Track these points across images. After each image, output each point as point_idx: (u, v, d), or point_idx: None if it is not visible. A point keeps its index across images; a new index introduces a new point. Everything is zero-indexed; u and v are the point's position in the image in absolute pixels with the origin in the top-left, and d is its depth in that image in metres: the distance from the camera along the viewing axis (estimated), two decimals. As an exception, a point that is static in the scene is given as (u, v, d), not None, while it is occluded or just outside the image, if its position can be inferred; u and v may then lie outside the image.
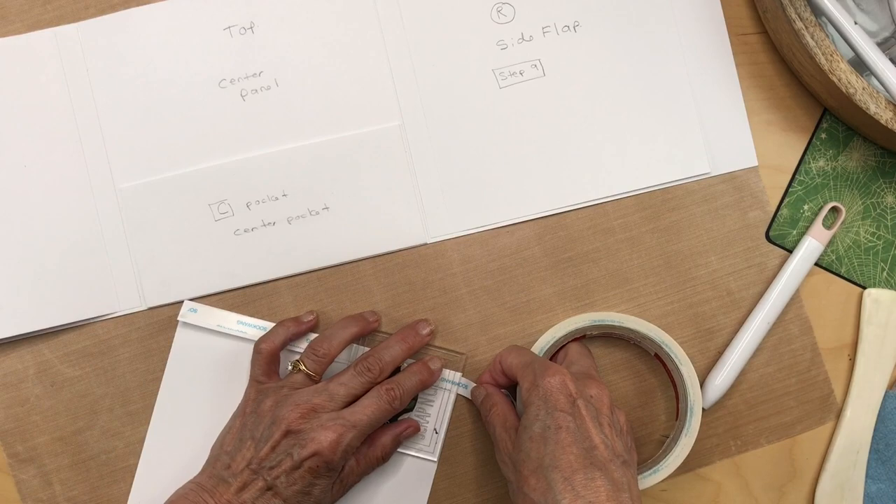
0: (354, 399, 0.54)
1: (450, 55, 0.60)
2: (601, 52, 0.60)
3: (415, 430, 0.57)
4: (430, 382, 0.57)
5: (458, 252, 0.60)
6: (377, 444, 0.56)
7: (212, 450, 0.55)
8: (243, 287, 0.59)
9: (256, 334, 0.58)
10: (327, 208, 0.59)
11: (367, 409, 0.53)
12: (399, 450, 0.58)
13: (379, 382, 0.54)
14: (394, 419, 0.58)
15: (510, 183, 0.60)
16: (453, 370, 0.59)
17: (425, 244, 0.60)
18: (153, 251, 0.59)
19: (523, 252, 0.60)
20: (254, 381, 0.56)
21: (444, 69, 0.60)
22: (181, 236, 0.59)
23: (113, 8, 0.60)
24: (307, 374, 0.54)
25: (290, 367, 0.55)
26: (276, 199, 0.59)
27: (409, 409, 0.58)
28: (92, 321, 0.59)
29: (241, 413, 0.54)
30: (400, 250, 0.60)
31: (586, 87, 0.60)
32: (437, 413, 0.59)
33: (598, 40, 0.60)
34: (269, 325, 0.59)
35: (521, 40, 0.60)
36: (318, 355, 0.55)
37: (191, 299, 0.59)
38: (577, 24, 0.60)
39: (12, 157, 0.59)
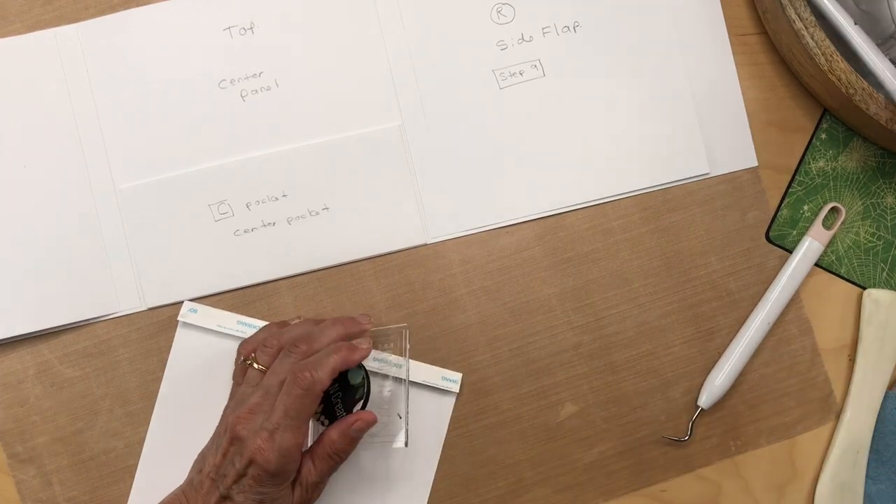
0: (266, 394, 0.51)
1: (450, 55, 0.60)
2: (601, 52, 0.60)
3: (367, 422, 0.53)
4: (352, 360, 0.52)
5: (458, 252, 0.60)
6: (326, 441, 0.52)
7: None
8: (243, 287, 0.59)
9: None
10: (327, 209, 0.59)
11: (281, 403, 0.50)
12: (371, 440, 0.56)
13: None
14: (350, 409, 0.54)
15: (510, 183, 0.60)
16: (394, 352, 0.57)
17: (425, 244, 0.60)
18: (153, 251, 0.59)
19: (523, 252, 0.60)
20: (234, 382, 0.56)
21: (444, 69, 0.60)
22: (181, 237, 0.59)
23: (113, 8, 0.60)
24: (258, 370, 0.53)
25: (246, 362, 0.54)
26: (276, 199, 0.59)
27: (363, 398, 0.54)
28: (92, 321, 0.59)
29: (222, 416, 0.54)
30: (400, 250, 0.60)
31: (586, 87, 0.60)
32: (394, 399, 0.57)
33: (598, 41, 0.60)
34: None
35: (521, 41, 0.60)
36: (271, 346, 0.53)
37: (191, 300, 0.59)
38: (576, 24, 0.60)
39: (12, 157, 0.59)
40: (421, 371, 0.59)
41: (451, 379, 0.59)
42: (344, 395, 0.54)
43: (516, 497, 0.59)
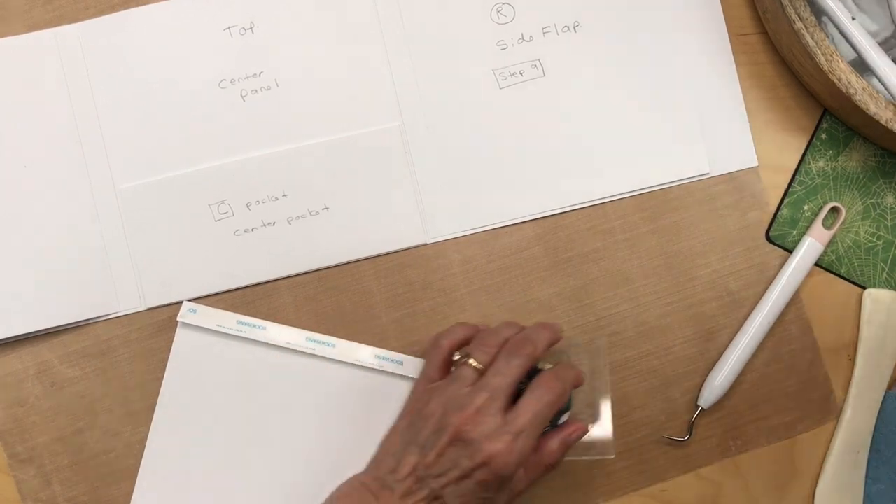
0: (515, 387, 0.50)
1: (450, 55, 0.60)
2: (601, 52, 0.60)
3: (582, 432, 0.53)
4: (580, 381, 0.53)
5: (458, 252, 0.60)
6: (545, 451, 0.51)
7: (378, 447, 0.52)
8: (243, 287, 0.59)
9: (256, 334, 0.58)
10: (327, 208, 0.59)
11: (530, 409, 0.49)
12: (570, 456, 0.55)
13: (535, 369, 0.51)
14: (555, 421, 0.54)
15: (510, 183, 0.60)
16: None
17: (425, 244, 0.60)
18: (153, 251, 0.59)
19: (523, 252, 0.60)
20: (425, 377, 0.53)
21: (444, 69, 0.60)
22: (181, 237, 0.59)
23: (113, 8, 0.60)
24: (475, 368, 0.51)
25: (456, 359, 0.52)
26: (276, 199, 0.59)
27: (567, 408, 0.55)
28: (92, 321, 0.59)
29: (408, 412, 0.52)
30: (400, 250, 0.60)
31: (586, 87, 0.60)
32: (594, 406, 0.56)
33: (598, 40, 0.60)
34: (268, 324, 0.58)
35: (521, 40, 0.60)
36: (489, 345, 0.51)
37: (191, 300, 0.59)
38: (577, 24, 0.60)
39: (12, 157, 0.59)
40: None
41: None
42: None
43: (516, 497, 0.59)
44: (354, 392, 0.58)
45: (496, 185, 0.60)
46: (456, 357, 0.53)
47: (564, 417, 0.54)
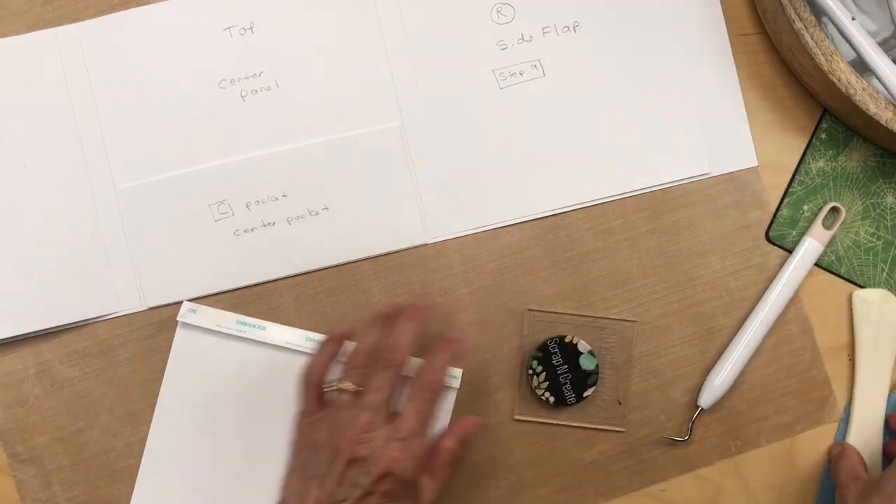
0: (389, 401, 0.51)
1: (450, 55, 0.60)
2: (601, 52, 0.60)
3: (477, 426, 0.53)
4: (458, 352, 0.53)
5: (458, 252, 0.60)
6: (442, 450, 0.52)
7: (280, 491, 0.52)
8: (243, 287, 0.59)
9: (256, 334, 0.58)
10: (327, 209, 0.59)
11: (413, 410, 0.51)
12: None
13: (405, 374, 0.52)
14: (580, 393, 0.57)
15: (510, 183, 0.60)
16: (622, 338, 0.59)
17: (425, 244, 0.60)
18: (153, 251, 0.59)
19: (523, 252, 0.60)
20: (304, 412, 0.53)
21: (444, 69, 0.60)
22: (181, 237, 0.59)
23: (113, 8, 0.60)
24: (350, 392, 0.51)
25: (332, 388, 0.53)
26: (276, 199, 0.59)
27: (593, 382, 0.58)
28: (92, 321, 0.59)
29: (298, 449, 0.52)
30: (400, 250, 0.60)
31: (586, 87, 0.60)
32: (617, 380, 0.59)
33: (598, 41, 0.60)
34: (267, 324, 0.59)
35: (521, 40, 0.60)
36: (356, 365, 0.52)
37: (191, 299, 0.59)
38: (577, 24, 0.60)
39: (12, 157, 0.59)
40: None
41: (452, 374, 0.59)
42: (573, 378, 0.58)
43: (516, 497, 0.59)
44: None
45: (496, 185, 0.60)
46: (327, 388, 0.53)
47: (589, 392, 0.58)
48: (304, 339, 0.58)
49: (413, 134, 0.60)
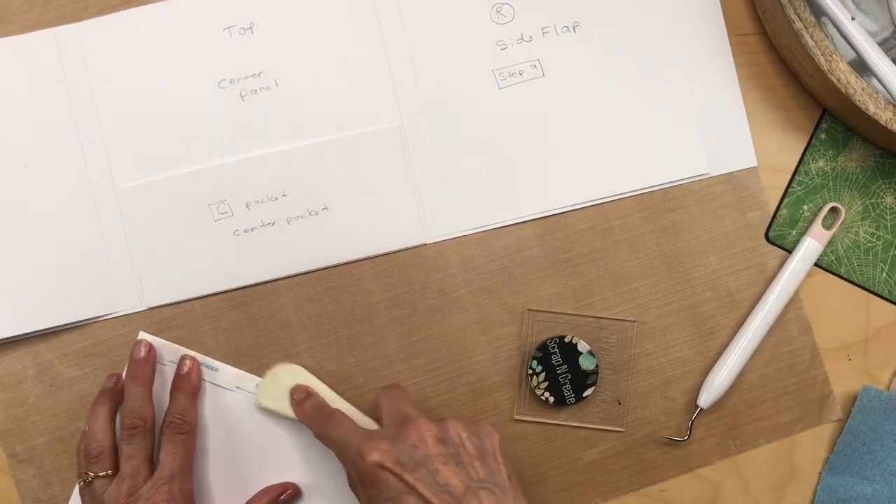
0: (149, 459, 0.54)
1: (449, 55, 0.60)
2: (601, 52, 0.60)
3: (296, 493, 0.57)
4: (197, 384, 0.57)
5: (458, 252, 0.60)
6: None
7: None
8: (243, 287, 0.59)
9: (207, 374, 0.58)
10: (327, 208, 0.59)
11: (168, 454, 0.54)
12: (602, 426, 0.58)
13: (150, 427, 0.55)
14: (580, 394, 0.58)
15: (510, 183, 0.60)
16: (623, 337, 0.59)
17: (425, 244, 0.60)
18: (153, 251, 0.59)
19: (523, 252, 0.60)
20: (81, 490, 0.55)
21: (443, 69, 0.60)
22: (181, 236, 0.59)
23: (113, 8, 0.60)
24: (104, 477, 0.54)
25: (81, 484, 0.54)
26: (276, 199, 0.59)
27: (592, 383, 0.58)
28: (91, 321, 0.59)
29: None
30: (399, 250, 0.60)
31: (586, 87, 0.60)
32: (618, 382, 0.59)
33: (597, 41, 0.60)
34: (221, 365, 0.58)
35: (520, 40, 0.60)
36: (95, 455, 0.54)
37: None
38: (576, 24, 0.60)
39: (12, 157, 0.59)
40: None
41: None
42: (573, 378, 0.58)
43: (516, 497, 0.59)
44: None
45: (496, 185, 0.60)
46: (82, 480, 0.55)
47: (589, 392, 0.58)
48: (253, 385, 0.58)
49: (412, 134, 0.60)
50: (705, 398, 0.58)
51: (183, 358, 0.58)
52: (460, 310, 0.60)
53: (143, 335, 0.58)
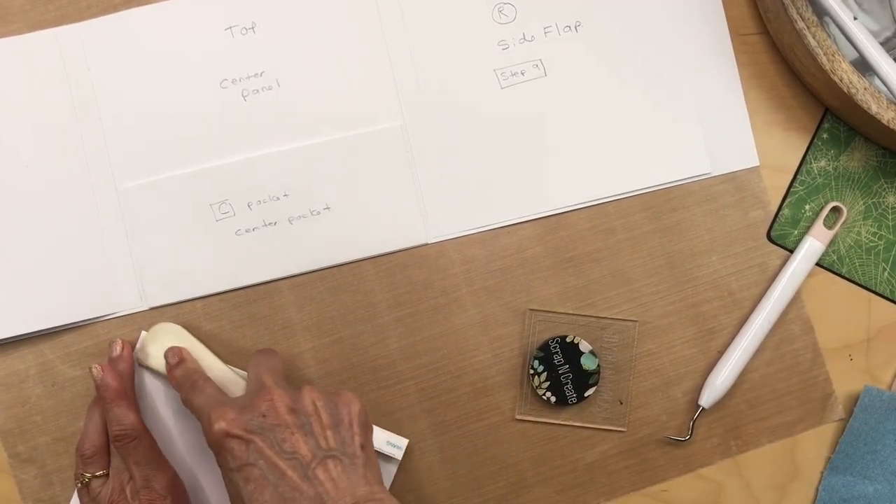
0: (117, 476, 0.54)
1: (451, 55, 0.60)
2: (603, 52, 0.60)
3: None
4: (118, 392, 0.55)
5: (459, 252, 0.60)
6: None
7: None
8: (245, 287, 0.59)
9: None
10: (328, 208, 0.59)
11: (133, 467, 0.53)
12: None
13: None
14: (582, 394, 0.58)
15: (511, 183, 0.60)
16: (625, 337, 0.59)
17: (426, 244, 0.60)
18: (154, 251, 0.59)
19: (524, 252, 0.60)
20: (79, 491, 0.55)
21: (445, 69, 0.60)
22: (182, 236, 0.59)
23: (114, 8, 0.59)
24: (100, 477, 0.54)
25: (78, 485, 0.55)
26: (278, 199, 0.59)
27: (594, 382, 0.58)
28: (93, 321, 0.59)
29: None
30: (401, 250, 0.60)
31: (588, 87, 0.60)
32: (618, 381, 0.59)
33: (599, 40, 0.60)
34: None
35: (522, 40, 0.60)
36: (90, 456, 0.55)
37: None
38: (578, 24, 0.60)
39: (12, 157, 0.59)
40: None
41: (396, 445, 0.58)
42: (575, 377, 0.58)
43: (517, 497, 0.59)
44: None
45: (497, 185, 0.60)
46: (79, 484, 0.55)
47: (590, 392, 0.58)
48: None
49: (414, 134, 0.60)
50: (707, 398, 0.58)
51: (111, 343, 0.57)
52: (462, 309, 0.60)
53: (143, 335, 0.58)
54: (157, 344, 0.57)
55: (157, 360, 0.57)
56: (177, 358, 0.55)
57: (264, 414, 0.49)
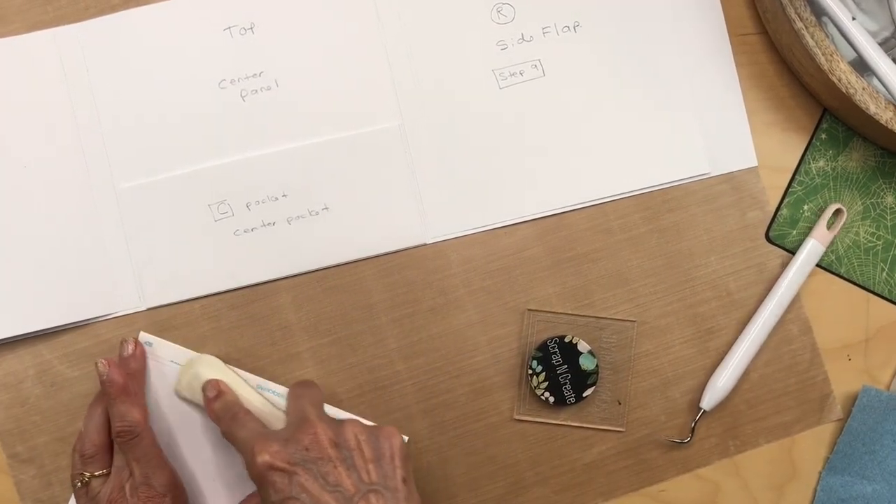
0: (118, 474, 0.54)
1: (450, 55, 0.60)
2: (601, 52, 0.60)
3: None
4: (120, 388, 0.55)
5: (458, 252, 0.60)
6: None
7: None
8: (243, 287, 0.59)
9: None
10: (327, 209, 0.59)
11: (133, 463, 0.53)
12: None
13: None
14: (580, 394, 0.58)
15: (510, 183, 0.60)
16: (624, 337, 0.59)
17: (425, 244, 0.60)
18: (153, 251, 0.59)
19: (523, 252, 0.60)
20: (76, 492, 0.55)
21: (443, 69, 0.60)
22: (181, 237, 0.59)
23: (113, 8, 0.59)
24: (100, 476, 0.54)
25: (77, 485, 0.55)
26: (276, 199, 0.59)
27: (593, 382, 0.58)
28: (92, 321, 0.59)
29: None
30: (399, 251, 0.60)
31: (586, 87, 0.60)
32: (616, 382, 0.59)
33: (598, 40, 0.60)
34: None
35: (521, 40, 0.60)
36: (90, 455, 0.55)
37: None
38: (577, 24, 0.60)
39: (12, 157, 0.59)
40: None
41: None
42: (573, 377, 0.58)
43: (516, 497, 0.59)
44: None
45: (496, 185, 0.60)
46: (78, 484, 0.55)
47: (589, 392, 0.58)
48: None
49: (412, 134, 0.60)
50: (708, 400, 0.58)
51: (124, 342, 0.57)
52: (460, 310, 0.60)
53: (143, 335, 0.58)
54: (195, 377, 0.56)
55: (195, 393, 0.56)
56: (215, 391, 0.55)
57: (307, 447, 0.49)
